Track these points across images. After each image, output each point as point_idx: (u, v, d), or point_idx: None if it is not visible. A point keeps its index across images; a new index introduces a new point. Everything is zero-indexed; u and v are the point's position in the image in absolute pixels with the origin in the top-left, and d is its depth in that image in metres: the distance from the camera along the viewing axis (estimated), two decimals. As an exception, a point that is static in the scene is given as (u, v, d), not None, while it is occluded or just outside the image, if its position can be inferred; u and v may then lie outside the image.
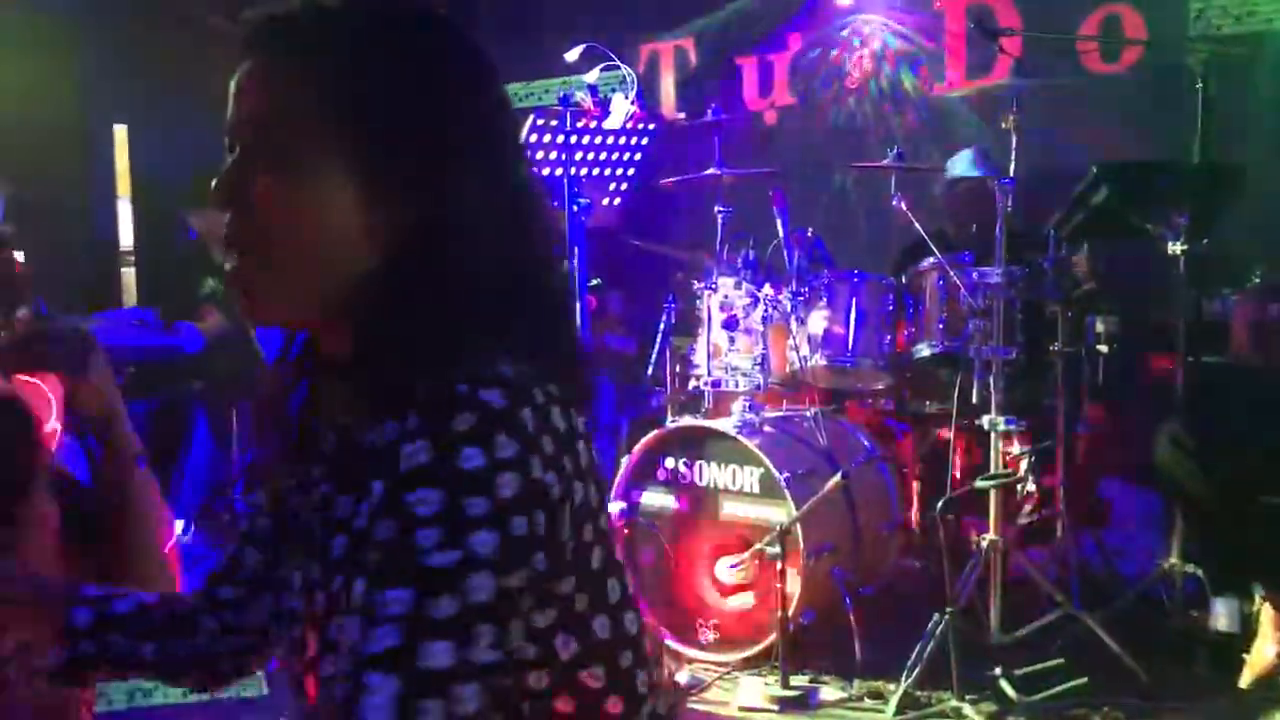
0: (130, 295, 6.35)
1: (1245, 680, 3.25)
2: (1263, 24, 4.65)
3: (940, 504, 3.43)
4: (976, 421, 3.48)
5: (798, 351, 3.92)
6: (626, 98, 3.76)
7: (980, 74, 5.27)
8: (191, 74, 6.14)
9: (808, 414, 4.00)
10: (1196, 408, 3.49)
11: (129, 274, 6.43)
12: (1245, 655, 3.29)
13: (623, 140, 3.96)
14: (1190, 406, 3.51)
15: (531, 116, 3.65)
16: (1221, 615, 3.46)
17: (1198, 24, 4.79)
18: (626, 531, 3.77)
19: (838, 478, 3.51)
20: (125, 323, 5.11)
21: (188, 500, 5.06)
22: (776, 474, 3.50)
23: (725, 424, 3.71)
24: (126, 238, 6.43)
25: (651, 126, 4.05)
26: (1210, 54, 3.63)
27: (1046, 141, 3.95)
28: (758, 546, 3.42)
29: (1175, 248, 3.47)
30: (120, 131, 6.34)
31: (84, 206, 6.33)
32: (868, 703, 3.29)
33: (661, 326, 4.46)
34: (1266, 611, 3.25)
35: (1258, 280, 3.55)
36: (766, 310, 3.93)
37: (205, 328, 5.11)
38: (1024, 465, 3.33)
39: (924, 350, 3.79)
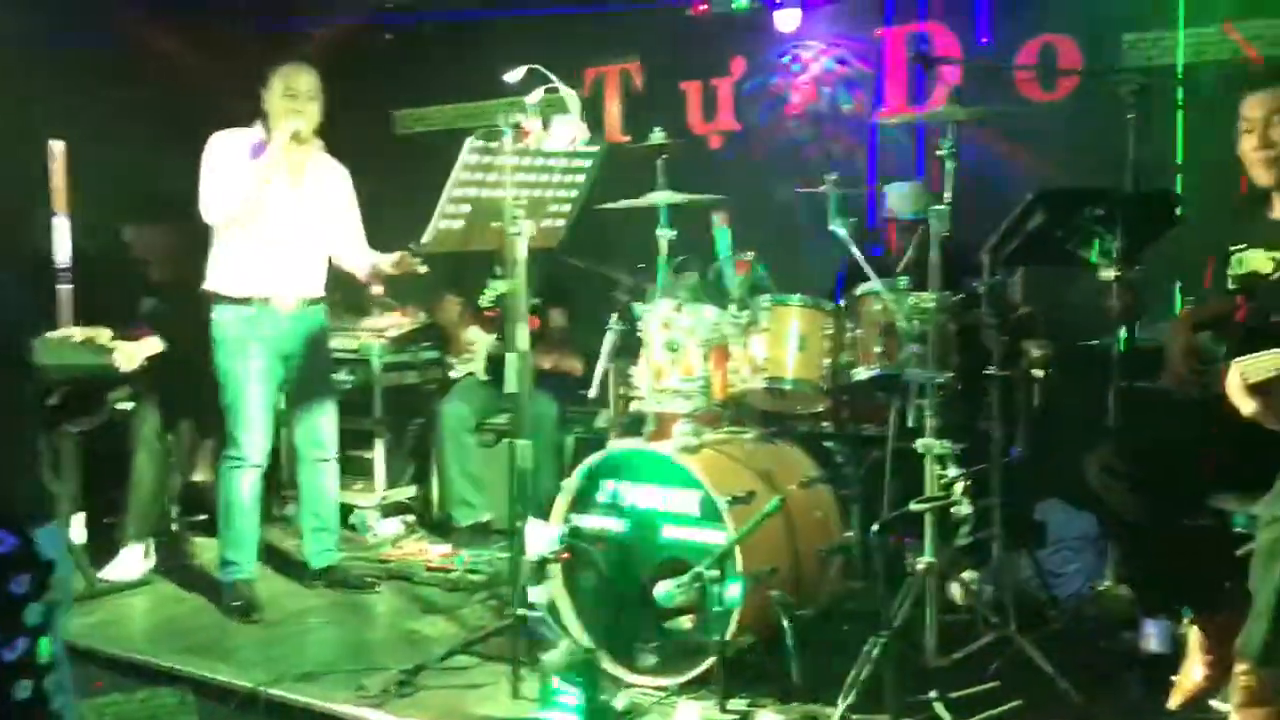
0: (66, 313, 6.23)
1: (1174, 702, 3.30)
2: (1193, 56, 4.76)
3: (876, 526, 3.45)
4: (913, 444, 3.50)
5: (738, 374, 3.93)
6: (570, 119, 3.76)
7: (920, 101, 5.34)
8: (131, 90, 6.10)
9: (747, 436, 4.02)
10: (1128, 432, 3.54)
11: (65, 291, 6.31)
12: (1175, 677, 3.34)
13: (565, 162, 3.95)
14: (1122, 431, 3.56)
15: (471, 138, 3.64)
16: (1152, 637, 3.51)
17: (1131, 54, 4.89)
18: (567, 555, 3.75)
19: (777, 501, 3.52)
20: (59, 342, 5.01)
21: (136, 525, 4.97)
22: (716, 497, 3.50)
23: (665, 446, 3.71)
24: (63, 255, 6.32)
25: (595, 148, 4.05)
26: (1143, 85, 3.70)
27: (983, 168, 4.00)
28: (697, 569, 3.41)
29: (1108, 274, 3.53)
30: (57, 146, 6.24)
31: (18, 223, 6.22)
32: (805, 726, 3.30)
33: (605, 348, 4.46)
34: (1195, 634, 3.30)
35: (1188, 308, 3.61)
36: (707, 333, 3.94)
37: (140, 348, 5.02)
38: (959, 488, 3.35)
39: (862, 373, 3.81)
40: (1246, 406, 3.05)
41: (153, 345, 5.08)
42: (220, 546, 4.56)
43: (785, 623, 3.52)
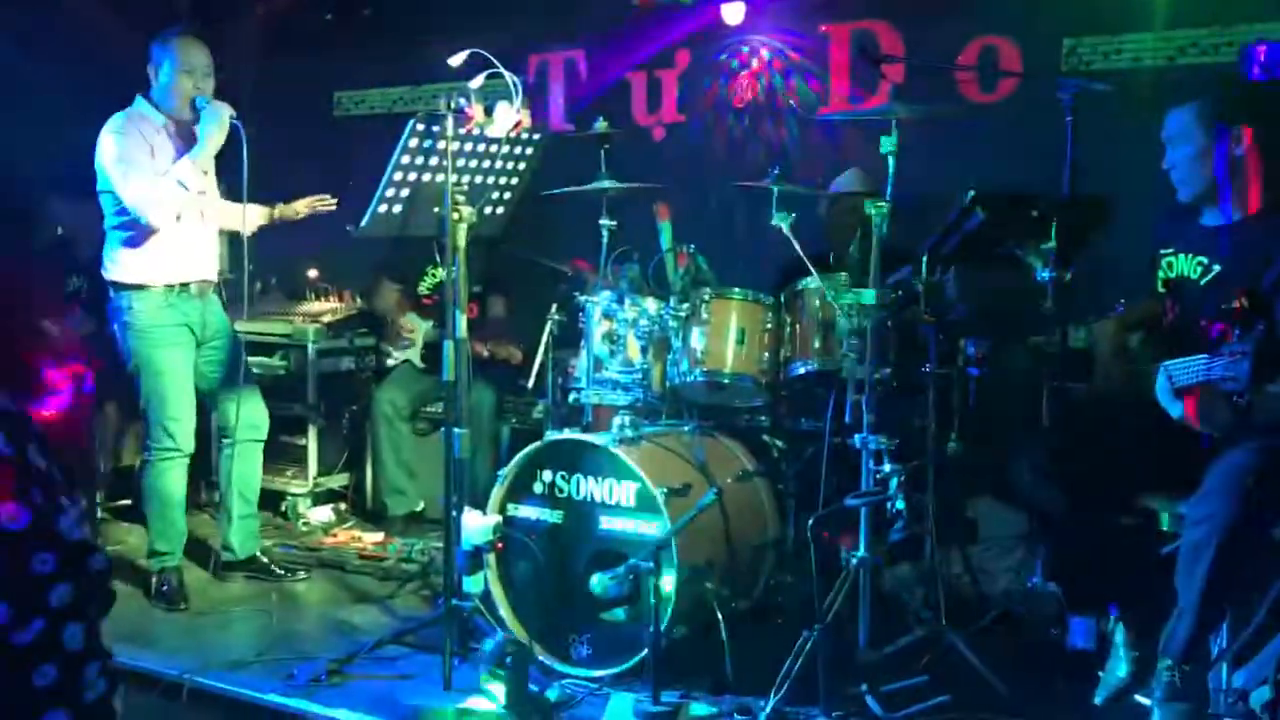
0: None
1: (1099, 696, 3.36)
2: (1129, 61, 4.84)
3: (811, 520, 3.47)
4: (849, 440, 3.52)
5: (678, 367, 3.93)
6: (512, 106, 3.72)
7: (862, 98, 5.37)
8: (57, 68, 5.94)
9: (685, 429, 4.02)
10: (1058, 431, 3.59)
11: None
12: (1100, 672, 3.39)
13: (507, 149, 3.92)
14: (1053, 430, 3.61)
15: (413, 121, 3.59)
16: (1078, 634, 3.57)
17: (1070, 59, 4.96)
18: (501, 545, 3.73)
19: (713, 493, 3.52)
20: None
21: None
22: (653, 488, 3.50)
23: (603, 438, 3.70)
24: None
25: (537, 136, 4.02)
26: (1080, 88, 3.75)
27: (923, 167, 4.03)
28: (633, 561, 3.40)
29: (1043, 275, 3.57)
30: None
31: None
32: (737, 718, 3.30)
33: (544, 338, 4.44)
34: (1120, 630, 3.36)
35: (1120, 310, 3.67)
36: (648, 325, 3.93)
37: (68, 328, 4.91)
38: (894, 483, 3.37)
39: (800, 368, 3.83)
40: (1174, 409, 3.12)
41: (81, 325, 4.98)
42: (150, 537, 4.46)
43: (719, 615, 3.53)
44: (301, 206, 4.62)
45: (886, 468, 3.38)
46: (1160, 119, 3.53)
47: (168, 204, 4.15)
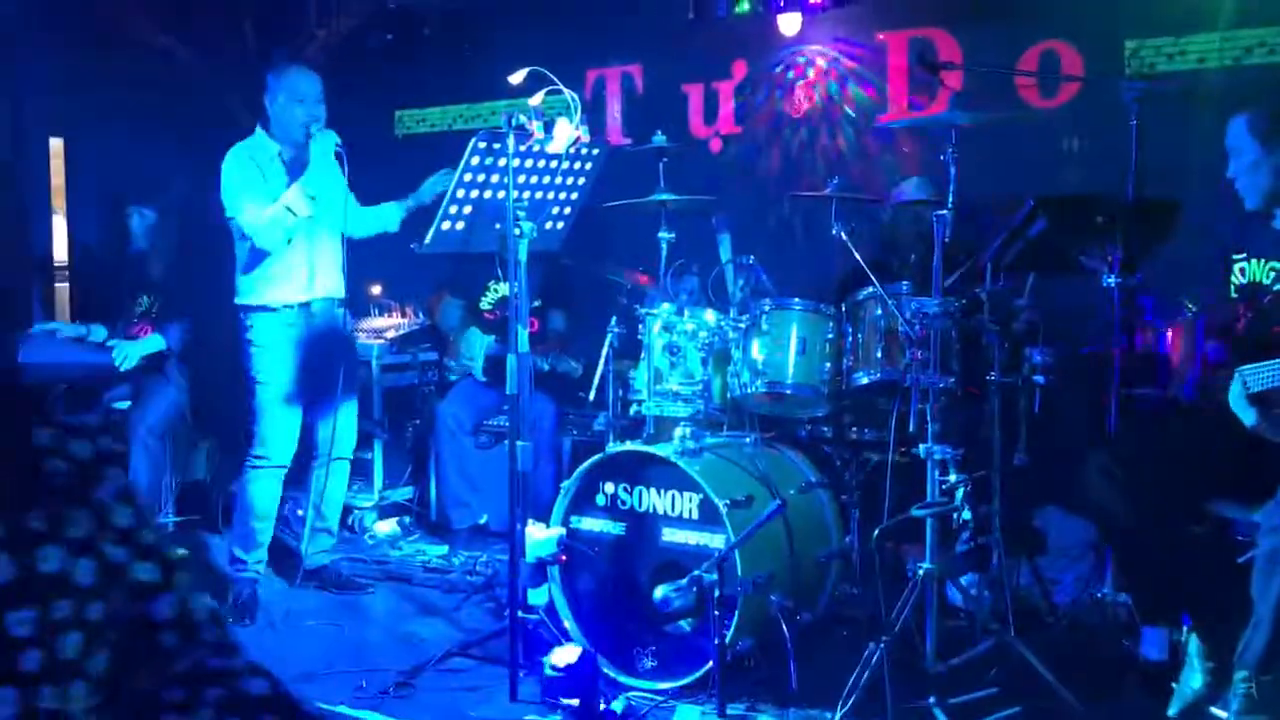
0: (64, 311, 6.23)
1: (1173, 709, 3.29)
2: (1194, 63, 4.76)
3: (877, 532, 3.45)
4: (913, 450, 3.50)
5: (738, 378, 3.93)
6: (571, 122, 3.75)
7: (921, 106, 5.34)
8: (129, 88, 6.09)
9: (747, 441, 4.01)
10: (1128, 439, 3.54)
11: (63, 289, 6.31)
12: (1174, 684, 3.33)
13: (567, 164, 3.95)
14: (1122, 438, 3.56)
15: (475, 139, 3.63)
16: (1151, 644, 3.51)
17: (1133, 62, 4.89)
18: (565, 558, 3.75)
19: (776, 504, 3.51)
20: (58, 339, 5.01)
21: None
22: (716, 500, 3.50)
23: (666, 450, 3.71)
24: (61, 252, 6.32)
25: (596, 151, 4.05)
26: (1145, 91, 3.70)
27: (985, 174, 4.00)
28: (696, 573, 3.41)
29: (1109, 281, 3.53)
30: (56, 145, 6.24)
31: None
32: (803, 731, 3.29)
33: (605, 350, 4.46)
34: (1194, 641, 3.30)
35: (1190, 315, 3.62)
36: (708, 337, 3.94)
37: (139, 346, 5.02)
38: (960, 494, 3.35)
39: (862, 378, 3.81)
40: (1247, 416, 3.06)
41: (152, 343, 5.08)
42: (233, 544, 4.55)
43: (784, 627, 3.52)
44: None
45: (952, 477, 3.35)
46: (1226, 121, 3.48)
47: (276, 230, 4.27)
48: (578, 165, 3.99)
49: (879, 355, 3.77)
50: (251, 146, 4.44)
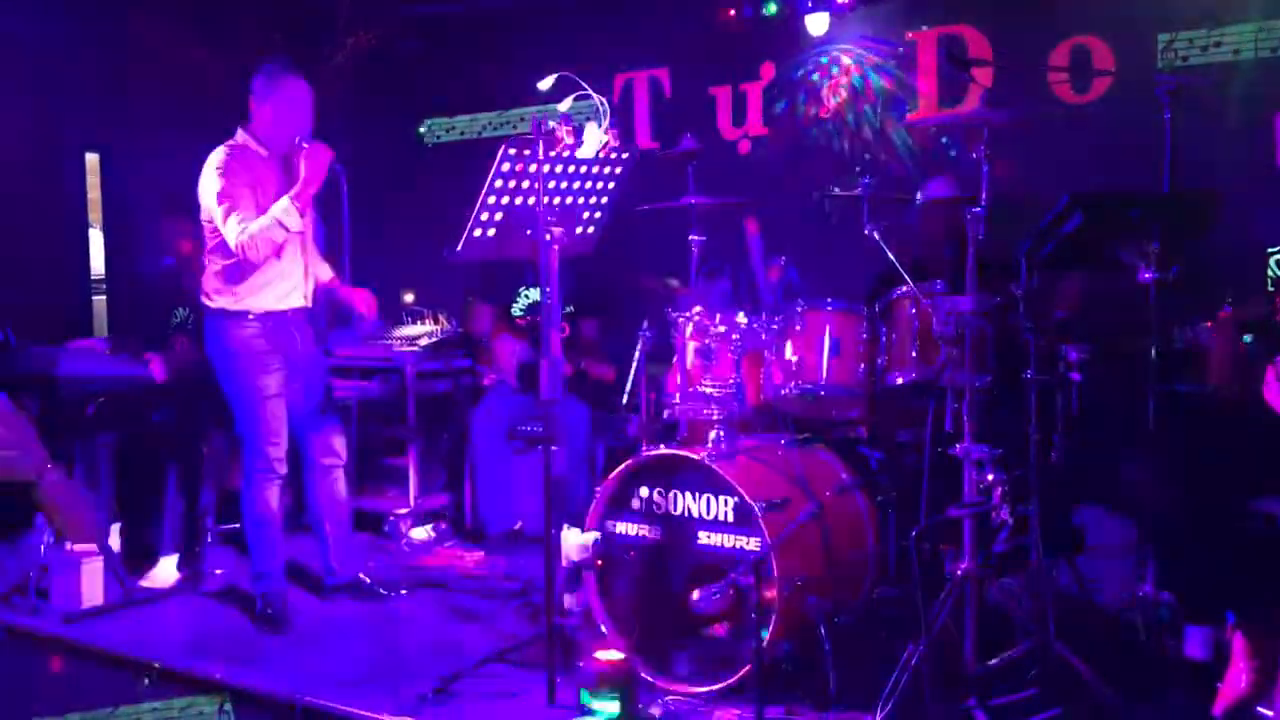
0: (101, 324, 6.30)
1: (1219, 708, 3.25)
2: (1229, 55, 4.71)
3: (914, 533, 3.42)
4: (950, 450, 3.47)
5: (772, 380, 3.92)
6: (600, 127, 3.76)
7: (951, 103, 5.31)
8: (162, 102, 6.16)
9: (782, 443, 4.00)
10: (1166, 435, 3.50)
11: (100, 302, 6.38)
12: (1219, 683, 3.29)
13: (596, 169, 3.95)
14: (1160, 434, 3.52)
15: (504, 146, 3.64)
16: (1195, 643, 3.47)
17: (1166, 55, 4.85)
18: (600, 562, 3.75)
19: (813, 507, 3.50)
20: (95, 352, 5.06)
21: (170, 535, 4.99)
22: (751, 503, 3.48)
23: (700, 453, 3.70)
24: (98, 266, 6.39)
25: (625, 155, 4.05)
26: (1178, 84, 3.66)
27: (1017, 171, 3.97)
28: (732, 576, 3.40)
29: (1146, 276, 3.50)
30: (92, 159, 6.31)
31: (55, 234, 6.29)
32: (843, 734, 3.28)
33: (637, 354, 4.46)
34: (1239, 639, 3.26)
35: (1228, 309, 3.58)
36: (740, 338, 3.93)
37: (173, 357, 5.07)
38: (998, 493, 3.32)
39: (897, 378, 3.79)
40: (1289, 409, 3.02)
41: (187, 355, 5.13)
42: (251, 557, 4.57)
43: (822, 630, 3.50)
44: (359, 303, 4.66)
45: (990, 477, 3.32)
46: (1263, 113, 3.44)
47: (266, 242, 4.25)
48: (607, 170, 3.99)
49: (914, 355, 3.74)
50: (237, 151, 4.35)
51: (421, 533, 5.67)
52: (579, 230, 4.04)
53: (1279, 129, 3.37)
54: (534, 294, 5.09)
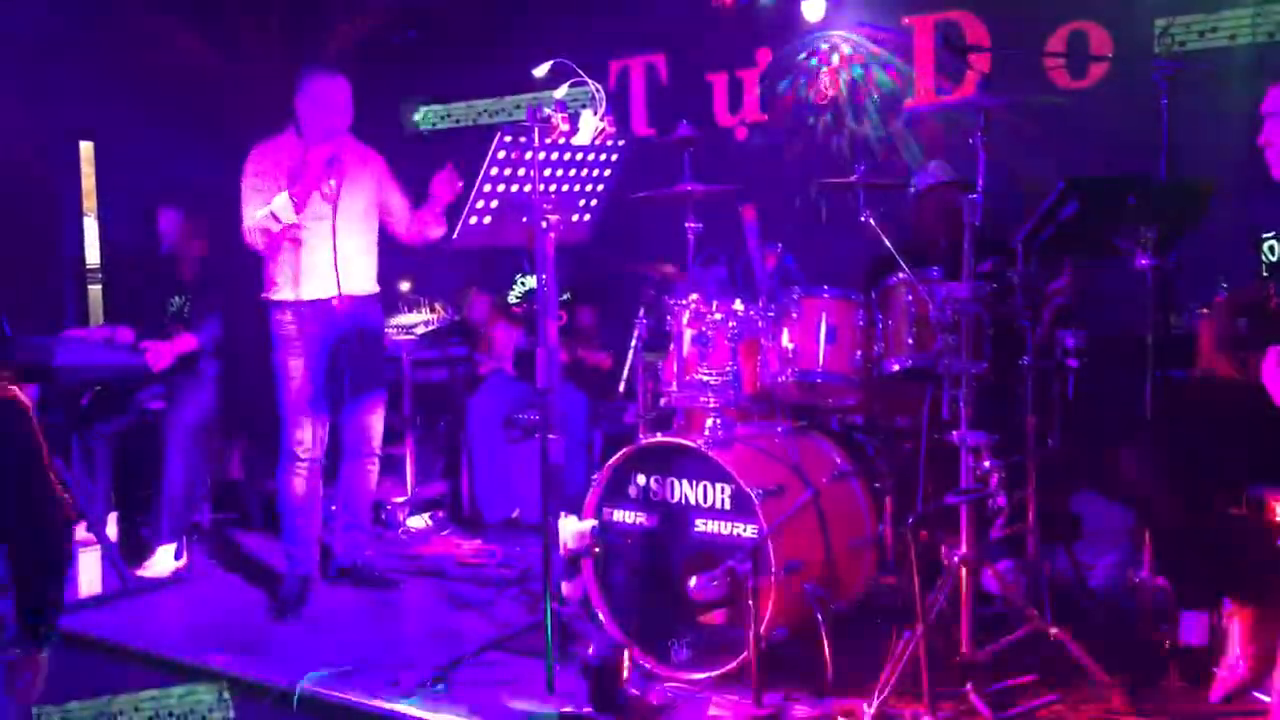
0: (97, 313, 6.29)
1: (1215, 694, 3.26)
2: (1225, 40, 4.70)
3: (911, 520, 3.43)
4: (947, 436, 3.48)
5: (768, 367, 3.92)
6: (596, 114, 3.75)
7: (948, 90, 5.30)
8: (157, 90, 6.13)
9: (779, 430, 4.00)
10: (1163, 421, 3.50)
11: (95, 291, 6.37)
12: (1215, 668, 3.30)
13: (592, 156, 3.94)
14: (1157, 420, 3.52)
15: (500, 133, 3.63)
16: (1191, 629, 3.47)
17: (1162, 40, 4.84)
18: (598, 550, 3.75)
19: (809, 494, 3.50)
20: (92, 341, 5.05)
21: (169, 523, 5.00)
22: (748, 490, 3.49)
23: (696, 440, 3.70)
24: (93, 255, 6.38)
25: (621, 143, 4.03)
26: (1175, 70, 3.65)
27: (1014, 156, 3.97)
28: (729, 563, 3.40)
29: (1142, 262, 3.49)
30: (86, 148, 6.29)
31: (49, 223, 6.28)
32: (840, 720, 3.28)
33: (633, 342, 4.46)
34: (1235, 625, 3.26)
35: (1224, 293, 3.57)
36: (737, 326, 3.92)
37: (171, 347, 5.06)
38: (994, 480, 3.32)
39: (894, 365, 3.79)
40: (1284, 394, 3.02)
41: (184, 343, 5.12)
42: (284, 539, 4.59)
43: (819, 616, 3.50)
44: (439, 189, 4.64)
45: (986, 464, 3.33)
46: (1260, 98, 3.43)
47: (262, 233, 4.35)
48: (603, 157, 3.98)
49: (910, 342, 3.74)
50: (275, 145, 4.47)
51: (419, 521, 5.68)
52: (575, 218, 4.03)
53: (1267, 101, 3.35)
54: (530, 281, 5.09)
